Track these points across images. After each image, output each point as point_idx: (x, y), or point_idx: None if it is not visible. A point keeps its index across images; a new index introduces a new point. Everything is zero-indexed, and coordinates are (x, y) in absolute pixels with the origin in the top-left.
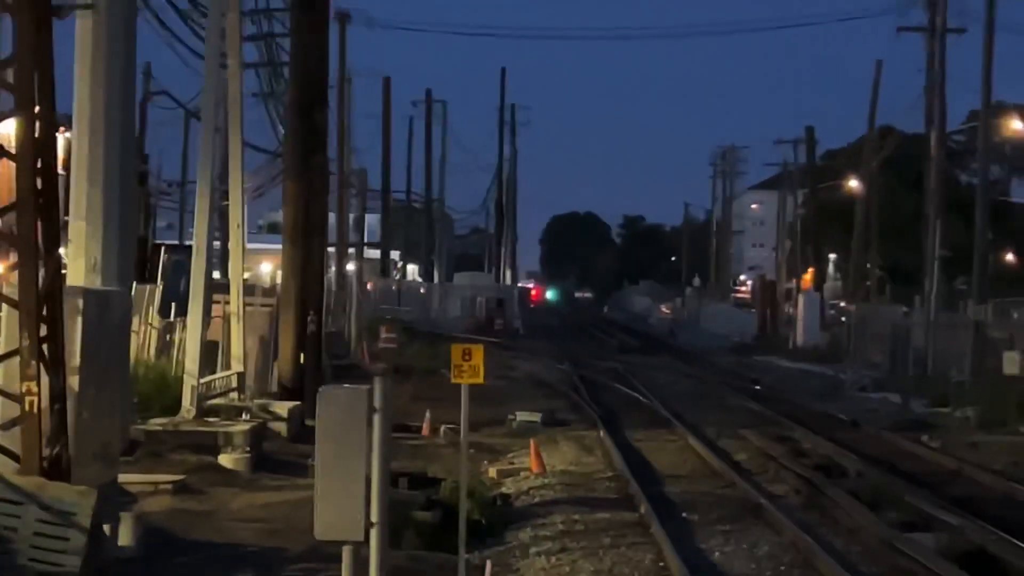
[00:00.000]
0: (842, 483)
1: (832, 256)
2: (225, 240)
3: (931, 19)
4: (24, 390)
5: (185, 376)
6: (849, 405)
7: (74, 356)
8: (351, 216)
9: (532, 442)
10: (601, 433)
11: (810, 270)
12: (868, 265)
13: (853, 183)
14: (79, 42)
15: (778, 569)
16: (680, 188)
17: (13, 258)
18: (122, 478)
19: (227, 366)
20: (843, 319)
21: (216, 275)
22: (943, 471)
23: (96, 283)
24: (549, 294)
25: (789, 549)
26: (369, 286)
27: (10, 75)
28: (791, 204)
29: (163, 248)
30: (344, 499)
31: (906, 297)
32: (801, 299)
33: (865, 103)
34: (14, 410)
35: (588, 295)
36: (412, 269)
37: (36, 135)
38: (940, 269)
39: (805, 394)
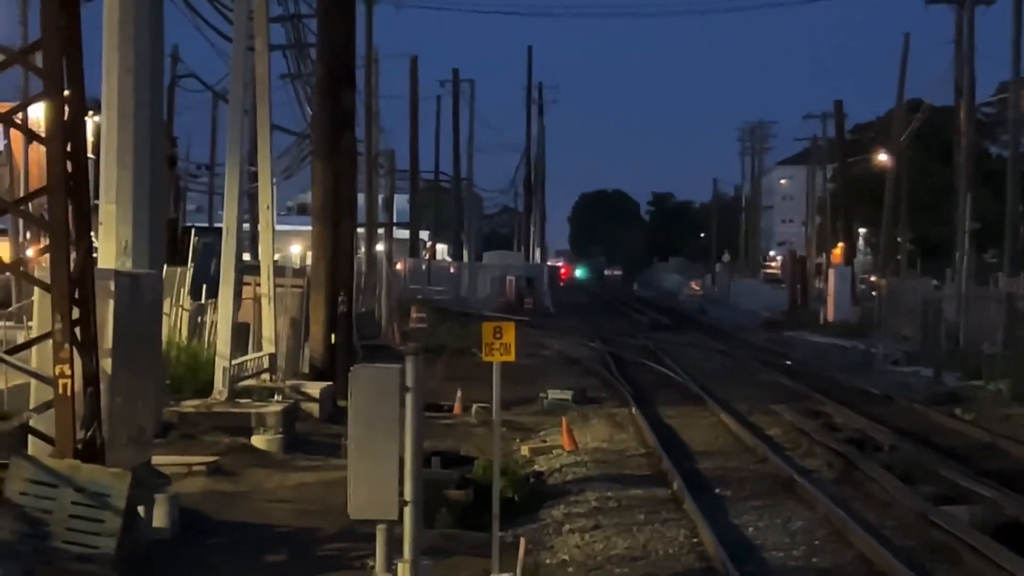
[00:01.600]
0: (875, 457)
1: (862, 230)
2: (255, 222)
3: None
4: (57, 373)
5: (217, 358)
6: (881, 379)
7: (106, 339)
8: (380, 196)
9: (564, 420)
10: (633, 410)
11: (840, 245)
12: (898, 239)
13: (883, 157)
14: (107, 25)
15: (812, 544)
16: (709, 164)
17: (45, 241)
18: (156, 460)
19: (258, 347)
20: (874, 293)
21: (246, 257)
22: (976, 444)
23: (127, 265)
24: (578, 272)
25: (823, 524)
26: (399, 266)
27: (39, 59)
28: (820, 179)
29: (193, 230)
30: (377, 478)
31: (937, 270)
32: (832, 274)
33: (894, 76)
34: (47, 393)
35: (617, 273)
36: (442, 249)
37: (66, 119)
38: (971, 242)
39: (837, 369)
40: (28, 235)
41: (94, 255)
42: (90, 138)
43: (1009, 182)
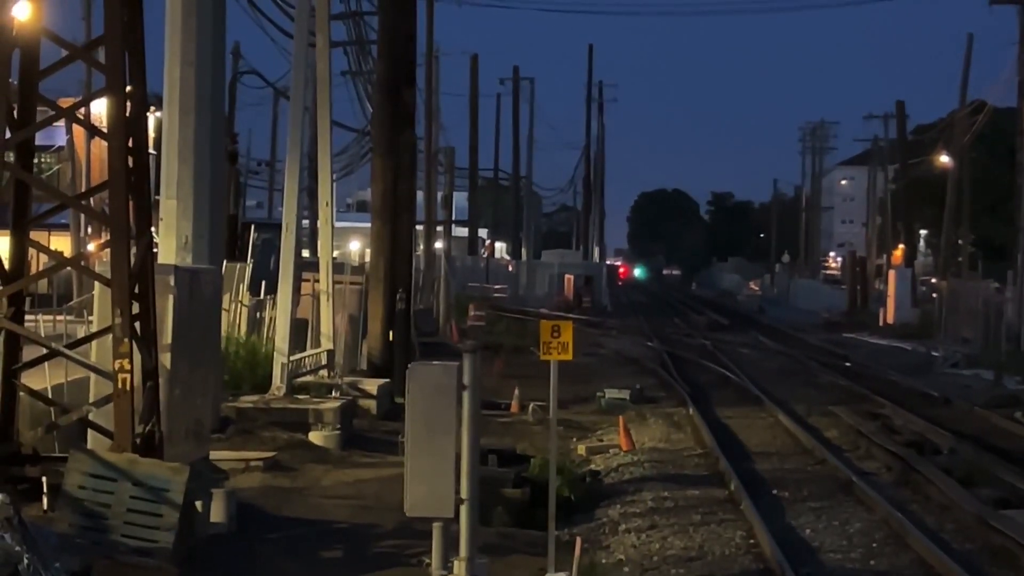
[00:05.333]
0: (934, 460)
1: (923, 232)
2: (314, 218)
3: None
4: (117, 367)
5: (275, 354)
6: (940, 382)
7: (166, 334)
8: (439, 194)
9: (621, 419)
10: (690, 410)
11: (900, 246)
12: (960, 241)
13: (944, 158)
14: (169, 21)
15: (870, 546)
16: (769, 164)
17: (105, 236)
18: (214, 455)
19: (316, 344)
20: (934, 295)
21: (305, 253)
22: None
23: (187, 261)
24: (637, 271)
25: (881, 526)
26: (457, 263)
27: (101, 55)
28: (881, 180)
29: (252, 226)
30: (434, 476)
31: (999, 272)
32: (892, 275)
33: (957, 77)
34: (107, 387)
35: (676, 272)
36: (500, 247)
37: (127, 114)
38: None
39: (896, 370)
40: (89, 230)
41: (154, 250)
42: (151, 134)
43: None
